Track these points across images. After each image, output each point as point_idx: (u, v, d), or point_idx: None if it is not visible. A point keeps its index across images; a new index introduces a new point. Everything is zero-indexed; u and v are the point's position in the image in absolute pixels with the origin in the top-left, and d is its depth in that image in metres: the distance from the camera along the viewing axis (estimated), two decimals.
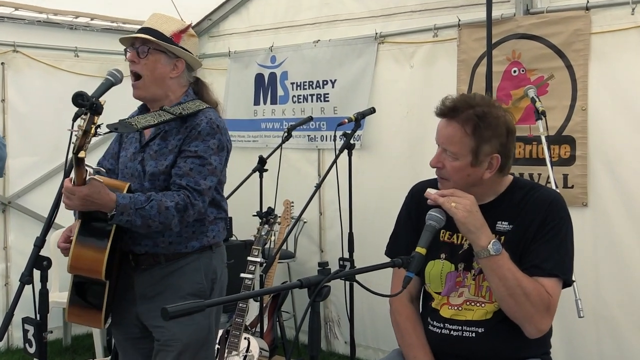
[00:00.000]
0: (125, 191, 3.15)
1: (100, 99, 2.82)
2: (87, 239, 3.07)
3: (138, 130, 3.25)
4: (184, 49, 3.33)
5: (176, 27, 3.33)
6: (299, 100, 6.16)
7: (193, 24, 6.85)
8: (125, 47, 3.38)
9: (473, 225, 2.63)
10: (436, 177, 2.85)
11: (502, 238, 2.72)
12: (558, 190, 3.67)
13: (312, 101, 6.06)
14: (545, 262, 2.66)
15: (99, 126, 2.78)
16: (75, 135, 2.77)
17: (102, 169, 3.08)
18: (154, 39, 3.25)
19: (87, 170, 2.86)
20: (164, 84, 3.32)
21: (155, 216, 3.04)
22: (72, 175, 2.92)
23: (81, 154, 2.76)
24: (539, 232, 2.69)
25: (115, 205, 2.96)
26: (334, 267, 4.45)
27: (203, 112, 3.29)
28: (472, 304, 2.77)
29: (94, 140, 2.90)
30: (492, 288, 2.68)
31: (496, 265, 2.61)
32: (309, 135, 6.12)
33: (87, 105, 2.75)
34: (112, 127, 3.03)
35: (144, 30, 3.30)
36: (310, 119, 5.60)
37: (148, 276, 3.29)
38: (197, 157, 3.19)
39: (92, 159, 3.13)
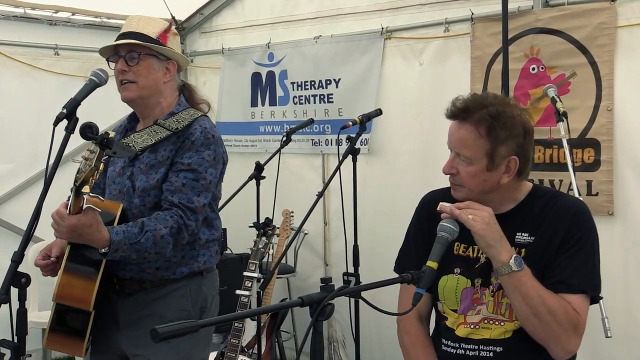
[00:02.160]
0: (118, 213, 3.17)
1: (110, 133, 2.78)
2: (77, 267, 3.08)
3: (138, 153, 3.25)
4: (172, 48, 3.34)
5: (160, 28, 3.33)
6: (301, 102, 6.17)
7: (183, 19, 6.93)
8: (106, 57, 3.37)
9: (492, 238, 2.62)
10: (449, 186, 2.85)
11: (523, 251, 2.71)
12: (581, 198, 3.67)
13: (314, 102, 6.07)
14: (572, 278, 2.65)
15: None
16: (80, 167, 2.75)
17: (101, 198, 3.07)
18: (143, 42, 3.24)
19: (84, 198, 2.84)
20: (157, 90, 3.32)
21: (151, 248, 3.06)
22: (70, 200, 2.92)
23: (85, 189, 2.75)
24: (563, 245, 2.68)
25: (109, 243, 2.96)
26: (340, 282, 4.47)
27: (197, 121, 3.29)
28: (490, 322, 2.76)
29: (72, 148, 2.90)
30: (514, 307, 2.68)
31: (519, 282, 2.61)
32: (312, 139, 6.13)
33: (98, 139, 2.71)
34: (111, 152, 3.03)
35: (128, 35, 3.28)
36: (312, 121, 5.60)
37: (132, 302, 3.30)
38: (190, 170, 3.19)
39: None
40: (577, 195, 3.87)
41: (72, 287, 3.07)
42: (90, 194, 2.85)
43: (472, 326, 2.78)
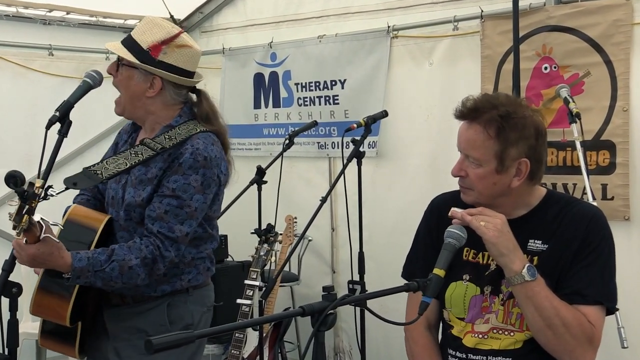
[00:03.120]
0: (102, 225, 3.15)
1: (37, 182, 2.74)
2: (51, 284, 3.06)
3: (102, 182, 3.22)
4: (164, 63, 3.22)
5: (158, 37, 3.22)
6: (305, 103, 6.17)
7: (182, 18, 6.92)
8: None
9: (505, 247, 2.62)
10: (459, 189, 2.85)
11: (535, 259, 2.71)
12: (596, 203, 3.68)
13: (319, 104, 6.07)
14: (588, 288, 2.64)
15: (50, 186, 2.74)
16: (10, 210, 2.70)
17: (59, 224, 3.03)
18: (121, 54, 3.20)
19: (42, 226, 2.79)
20: (140, 103, 3.25)
21: (117, 277, 3.02)
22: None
23: (20, 236, 2.72)
24: (579, 254, 2.67)
25: (71, 269, 2.94)
26: (346, 290, 4.46)
27: (191, 139, 3.19)
28: (499, 332, 2.75)
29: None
30: (526, 318, 2.67)
31: (531, 293, 2.60)
32: (318, 142, 6.13)
33: (18, 192, 2.66)
34: (70, 183, 3.01)
35: (125, 39, 3.27)
36: (315, 123, 5.60)
37: (117, 314, 3.30)
38: (174, 196, 3.11)
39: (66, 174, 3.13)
40: (591, 199, 3.87)
41: (46, 305, 3.07)
42: (44, 220, 2.80)
43: (480, 336, 2.77)
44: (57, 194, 2.79)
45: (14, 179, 2.67)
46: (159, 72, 3.21)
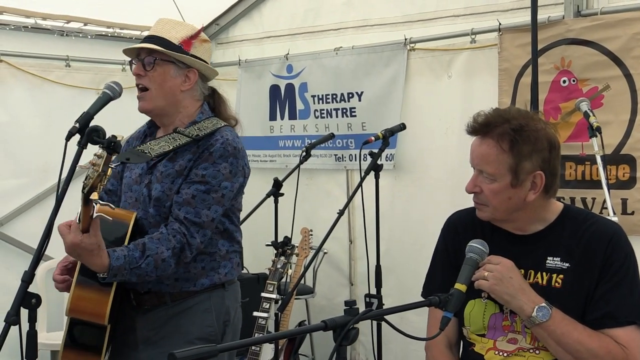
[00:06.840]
0: (131, 223, 3.17)
1: (118, 136, 2.77)
2: (89, 280, 3.07)
3: (153, 159, 3.25)
4: (196, 57, 3.33)
5: (185, 33, 3.33)
6: (322, 115, 6.17)
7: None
8: (130, 59, 3.39)
9: (506, 293, 2.62)
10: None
11: (555, 276, 2.68)
12: (616, 218, 3.64)
13: (336, 116, 6.07)
14: (618, 310, 2.61)
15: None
16: (88, 173, 2.73)
17: (111, 206, 3.06)
18: (160, 48, 3.24)
19: (94, 206, 2.83)
20: (174, 98, 3.31)
21: (152, 272, 3.07)
22: (78, 215, 2.90)
23: (93, 196, 2.73)
24: (603, 275, 2.64)
25: (108, 269, 2.97)
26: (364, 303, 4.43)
27: (220, 131, 3.28)
28: (525, 350, 2.72)
29: (85, 163, 2.88)
30: (552, 353, 2.65)
31: (549, 332, 2.60)
32: (335, 155, 6.13)
33: (105, 143, 2.71)
34: (124, 158, 3.05)
35: (149, 38, 3.30)
36: (332, 136, 5.60)
37: (152, 317, 3.28)
38: (203, 182, 3.18)
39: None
40: (611, 214, 3.84)
41: (85, 300, 3.07)
42: (100, 202, 2.85)
43: (504, 354, 2.75)
44: (115, 166, 2.83)
45: (96, 132, 2.77)
46: (197, 64, 3.33)
